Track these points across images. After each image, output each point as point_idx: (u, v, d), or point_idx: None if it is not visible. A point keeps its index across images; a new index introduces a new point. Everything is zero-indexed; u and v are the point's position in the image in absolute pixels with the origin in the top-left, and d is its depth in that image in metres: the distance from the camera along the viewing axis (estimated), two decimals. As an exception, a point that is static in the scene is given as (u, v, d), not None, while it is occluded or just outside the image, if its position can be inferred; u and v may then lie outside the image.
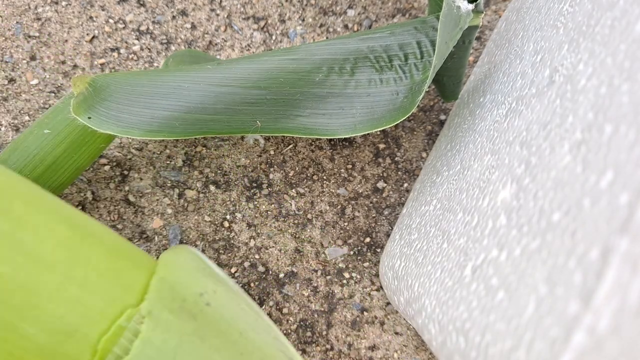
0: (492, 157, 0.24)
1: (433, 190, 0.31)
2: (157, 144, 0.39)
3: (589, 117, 0.17)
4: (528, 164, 0.20)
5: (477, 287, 0.20)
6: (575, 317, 0.13)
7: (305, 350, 0.38)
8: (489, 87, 0.30)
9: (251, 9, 0.40)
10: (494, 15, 0.40)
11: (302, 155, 0.40)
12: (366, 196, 0.39)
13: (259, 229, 0.39)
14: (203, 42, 0.40)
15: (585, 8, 0.22)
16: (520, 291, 0.17)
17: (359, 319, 0.38)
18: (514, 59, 0.28)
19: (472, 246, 0.22)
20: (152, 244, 0.38)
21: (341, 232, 0.39)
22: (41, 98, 0.39)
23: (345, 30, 0.40)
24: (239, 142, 0.39)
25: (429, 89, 0.40)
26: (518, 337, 0.16)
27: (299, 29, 0.40)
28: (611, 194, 0.14)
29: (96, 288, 0.19)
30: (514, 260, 0.18)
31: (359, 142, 0.39)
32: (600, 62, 0.18)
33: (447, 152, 0.32)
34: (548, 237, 0.16)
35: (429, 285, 0.25)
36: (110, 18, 0.40)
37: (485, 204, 0.22)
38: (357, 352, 0.37)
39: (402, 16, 0.40)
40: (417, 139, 0.40)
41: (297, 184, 0.39)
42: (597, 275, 0.13)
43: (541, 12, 0.27)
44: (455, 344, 0.20)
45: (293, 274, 0.39)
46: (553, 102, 0.20)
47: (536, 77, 0.23)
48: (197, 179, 0.39)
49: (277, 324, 0.38)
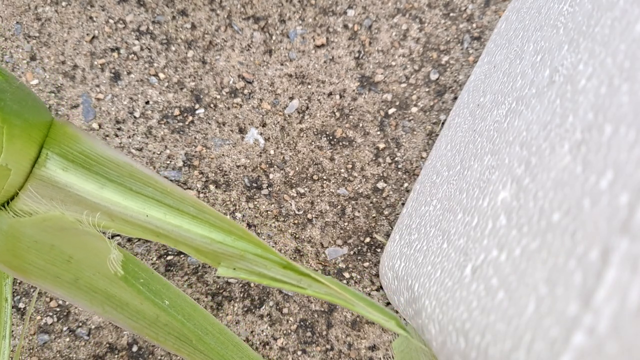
0: (492, 157, 0.24)
1: (433, 191, 0.31)
2: (157, 144, 0.39)
3: (589, 117, 0.17)
4: (528, 164, 0.20)
5: (477, 288, 0.20)
6: (575, 317, 0.13)
7: (305, 350, 0.38)
8: (489, 87, 0.30)
9: (251, 9, 0.40)
10: (494, 15, 0.40)
11: (302, 155, 0.40)
12: (366, 196, 0.39)
13: (259, 229, 0.39)
14: (203, 42, 0.40)
15: (585, 8, 0.22)
16: (520, 291, 0.17)
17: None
18: (514, 59, 0.28)
19: (472, 246, 0.22)
20: (152, 244, 0.38)
21: (341, 232, 0.39)
22: (41, 98, 0.39)
23: (345, 31, 0.40)
24: (239, 141, 0.39)
25: (428, 88, 0.40)
26: (518, 337, 0.16)
27: (299, 29, 0.40)
28: (611, 194, 0.14)
29: None
30: (514, 261, 0.18)
31: (359, 142, 0.40)
32: (600, 62, 0.18)
33: (447, 152, 0.32)
34: (548, 238, 0.16)
35: (429, 285, 0.25)
36: (110, 18, 0.40)
37: (485, 204, 0.22)
38: (357, 352, 0.37)
39: (402, 16, 0.40)
40: (417, 139, 0.40)
41: (297, 184, 0.39)
42: (597, 275, 0.13)
43: (541, 12, 0.27)
44: (455, 344, 0.20)
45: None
46: (553, 102, 0.20)
47: (536, 77, 0.23)
48: (197, 179, 0.39)
49: (277, 324, 0.38)
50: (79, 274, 0.23)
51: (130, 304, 0.24)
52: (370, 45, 0.40)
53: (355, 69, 0.40)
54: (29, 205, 0.23)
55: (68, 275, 0.23)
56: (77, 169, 0.24)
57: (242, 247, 0.23)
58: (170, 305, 0.23)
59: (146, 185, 0.24)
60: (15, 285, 0.38)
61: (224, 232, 0.23)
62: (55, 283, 0.23)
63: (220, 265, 0.23)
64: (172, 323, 0.24)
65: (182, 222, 0.23)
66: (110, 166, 0.24)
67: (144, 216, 0.23)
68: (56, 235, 0.23)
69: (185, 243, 0.23)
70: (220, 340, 0.24)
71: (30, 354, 0.37)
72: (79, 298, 0.23)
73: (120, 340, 0.37)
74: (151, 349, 0.37)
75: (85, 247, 0.23)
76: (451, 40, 0.40)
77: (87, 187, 0.24)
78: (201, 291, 0.38)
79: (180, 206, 0.24)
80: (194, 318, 0.24)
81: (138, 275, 0.23)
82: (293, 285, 0.22)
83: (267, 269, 0.23)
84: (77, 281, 0.23)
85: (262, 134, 0.40)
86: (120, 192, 0.24)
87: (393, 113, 0.40)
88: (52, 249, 0.23)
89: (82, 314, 0.37)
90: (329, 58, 0.40)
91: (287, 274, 0.23)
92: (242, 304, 0.38)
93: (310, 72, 0.40)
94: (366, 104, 0.40)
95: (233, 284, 0.38)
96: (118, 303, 0.23)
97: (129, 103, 0.39)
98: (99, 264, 0.23)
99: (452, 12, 0.40)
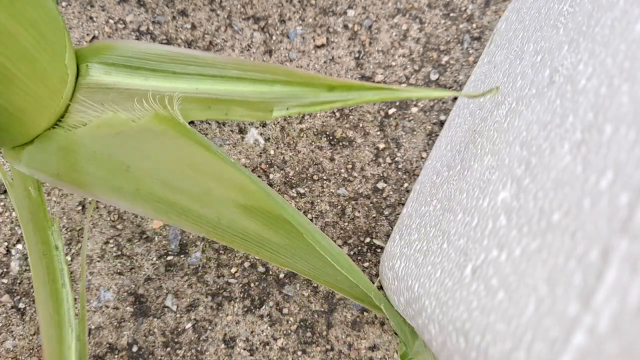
0: (492, 157, 0.24)
1: (433, 191, 0.31)
2: (157, 144, 0.39)
3: (589, 117, 0.17)
4: (528, 164, 0.20)
5: (477, 288, 0.20)
6: (575, 317, 0.13)
7: (305, 351, 0.38)
8: (489, 87, 0.30)
9: (251, 9, 0.40)
10: (494, 16, 0.40)
11: (302, 156, 0.40)
12: (366, 196, 0.39)
13: (259, 229, 0.39)
14: (203, 43, 0.40)
15: (585, 8, 0.22)
16: (520, 291, 0.17)
17: (359, 319, 0.38)
18: (514, 59, 0.28)
19: (472, 246, 0.22)
20: (152, 244, 0.38)
21: (341, 232, 0.39)
22: (41, 98, 0.39)
23: (345, 31, 0.40)
24: (239, 142, 0.39)
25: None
26: (518, 337, 0.16)
27: (299, 29, 0.40)
28: (611, 194, 0.14)
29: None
30: (514, 261, 0.18)
31: (359, 142, 0.39)
32: (600, 62, 0.18)
33: (447, 153, 0.32)
34: (548, 238, 0.16)
35: (429, 285, 0.25)
36: (110, 18, 0.40)
37: (486, 205, 0.22)
38: (357, 352, 0.37)
39: (402, 16, 0.40)
40: (417, 139, 0.40)
41: (298, 184, 0.39)
42: (597, 275, 0.13)
43: (541, 12, 0.27)
44: (455, 345, 0.20)
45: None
46: (553, 102, 0.20)
47: (536, 78, 0.23)
48: (197, 179, 0.39)
49: (277, 324, 0.38)
50: (139, 184, 0.24)
51: (192, 210, 0.24)
52: (370, 46, 0.40)
53: (356, 69, 0.40)
54: (82, 115, 0.24)
55: (129, 187, 0.24)
56: (118, 70, 0.25)
57: (288, 91, 0.25)
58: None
59: (188, 65, 0.25)
60: (15, 285, 0.38)
61: (269, 83, 0.25)
62: (118, 195, 0.24)
63: (274, 110, 0.25)
64: (235, 224, 0.25)
65: (230, 85, 0.25)
66: (150, 57, 0.25)
67: (194, 90, 0.25)
68: (113, 142, 0.24)
69: (237, 102, 0.25)
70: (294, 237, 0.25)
71: (30, 354, 0.37)
72: (144, 208, 0.24)
73: (120, 340, 0.37)
74: (151, 349, 0.37)
75: (141, 150, 0.24)
76: (451, 41, 0.40)
77: (133, 82, 0.25)
78: (201, 291, 0.38)
79: (224, 73, 0.25)
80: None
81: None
82: (345, 101, 0.24)
83: (317, 96, 0.24)
84: (138, 191, 0.24)
85: (262, 134, 0.40)
86: (164, 77, 0.25)
87: (393, 113, 0.40)
88: (110, 158, 0.24)
89: (82, 314, 0.37)
90: (329, 58, 0.40)
91: (334, 95, 0.24)
92: (242, 304, 0.38)
93: (311, 72, 0.40)
94: (366, 104, 0.40)
95: (233, 284, 0.38)
96: (180, 210, 0.24)
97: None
98: (157, 169, 0.24)
99: (452, 12, 0.40)
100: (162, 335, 0.37)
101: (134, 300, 0.38)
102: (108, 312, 0.38)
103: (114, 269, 0.38)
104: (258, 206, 0.25)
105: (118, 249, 0.38)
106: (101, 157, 0.24)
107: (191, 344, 0.37)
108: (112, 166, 0.24)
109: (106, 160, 0.24)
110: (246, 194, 0.24)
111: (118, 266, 0.38)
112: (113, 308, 0.38)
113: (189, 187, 0.24)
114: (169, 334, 0.37)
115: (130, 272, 0.38)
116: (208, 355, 0.37)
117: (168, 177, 0.24)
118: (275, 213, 0.25)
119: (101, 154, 0.24)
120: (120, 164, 0.24)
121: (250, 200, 0.24)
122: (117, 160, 0.24)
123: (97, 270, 0.38)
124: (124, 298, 0.38)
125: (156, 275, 0.38)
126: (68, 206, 0.38)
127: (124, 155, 0.24)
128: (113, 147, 0.24)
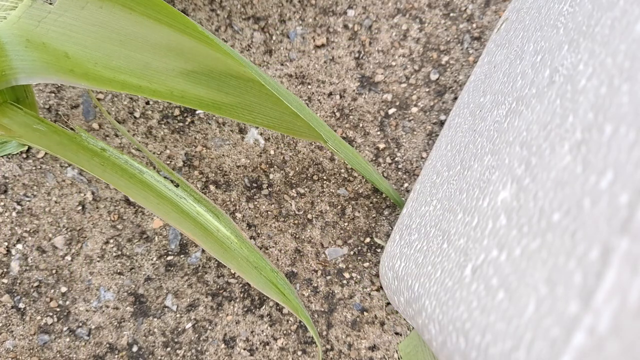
0: (492, 157, 0.24)
1: (433, 191, 0.31)
2: (157, 144, 0.39)
3: (589, 117, 0.17)
4: (528, 164, 0.20)
5: (477, 288, 0.20)
6: (576, 317, 0.13)
7: (305, 351, 0.38)
8: (489, 87, 0.30)
9: (251, 9, 0.40)
10: (494, 16, 0.40)
11: (302, 156, 0.40)
12: (366, 196, 0.39)
13: (259, 229, 0.39)
14: (203, 43, 0.40)
15: (586, 8, 0.22)
16: (521, 291, 0.17)
17: (359, 319, 0.38)
18: (514, 59, 0.28)
19: (472, 246, 0.22)
20: (152, 244, 0.38)
21: (341, 233, 0.39)
22: (41, 98, 0.39)
23: (345, 31, 0.40)
24: (239, 142, 0.39)
25: (428, 88, 0.40)
26: (518, 337, 0.16)
27: (299, 29, 0.40)
28: (611, 194, 0.14)
29: None
30: (514, 261, 0.18)
31: (359, 142, 0.40)
32: (600, 62, 0.18)
33: (447, 152, 0.32)
34: (548, 238, 0.16)
35: (429, 285, 0.25)
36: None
37: (486, 204, 0.22)
38: (357, 352, 0.37)
39: (402, 16, 0.40)
40: (417, 139, 0.40)
41: (297, 184, 0.39)
42: (597, 275, 0.13)
43: (541, 12, 0.27)
44: (455, 344, 0.20)
45: (293, 274, 0.39)
46: (553, 102, 0.20)
47: (536, 77, 0.23)
48: (197, 179, 0.39)
49: (277, 324, 0.38)
50: (74, 66, 0.24)
51: (142, 87, 0.24)
52: (371, 46, 0.40)
53: (356, 69, 0.40)
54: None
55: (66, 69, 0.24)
56: None
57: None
58: None
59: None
60: (15, 285, 0.38)
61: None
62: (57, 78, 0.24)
63: None
64: (188, 93, 0.25)
65: None
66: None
67: None
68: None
69: None
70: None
71: (30, 354, 0.37)
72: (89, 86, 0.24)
73: (120, 340, 0.37)
74: (151, 349, 0.37)
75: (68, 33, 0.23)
76: (451, 41, 0.40)
77: None
78: (201, 291, 0.38)
79: None
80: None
81: None
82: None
83: None
84: (73, 72, 0.24)
85: (262, 134, 0.40)
86: None
87: (393, 113, 0.40)
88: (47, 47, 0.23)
89: (82, 314, 0.37)
90: (329, 58, 0.40)
91: None
92: (242, 304, 0.38)
93: (311, 72, 0.40)
94: (366, 104, 0.40)
95: (233, 284, 0.38)
96: (135, 88, 0.24)
97: (129, 103, 0.39)
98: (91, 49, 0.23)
99: (452, 12, 0.40)
100: (162, 335, 0.37)
101: (134, 300, 0.38)
102: (108, 312, 0.38)
103: (114, 269, 0.38)
104: (201, 69, 0.25)
105: (118, 249, 0.38)
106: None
107: (191, 344, 0.37)
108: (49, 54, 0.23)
109: (41, 48, 0.23)
110: (186, 57, 0.24)
111: (118, 266, 0.38)
112: (113, 308, 0.38)
113: (126, 65, 0.24)
114: (169, 334, 0.37)
115: (130, 272, 0.38)
116: (208, 355, 0.37)
117: (104, 59, 0.23)
118: (220, 69, 0.24)
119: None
120: (56, 51, 0.24)
121: (192, 63, 0.24)
122: (53, 48, 0.23)
123: (97, 270, 0.38)
124: (124, 298, 0.38)
125: (156, 275, 0.38)
126: (68, 206, 0.38)
127: (48, 37, 0.23)
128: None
